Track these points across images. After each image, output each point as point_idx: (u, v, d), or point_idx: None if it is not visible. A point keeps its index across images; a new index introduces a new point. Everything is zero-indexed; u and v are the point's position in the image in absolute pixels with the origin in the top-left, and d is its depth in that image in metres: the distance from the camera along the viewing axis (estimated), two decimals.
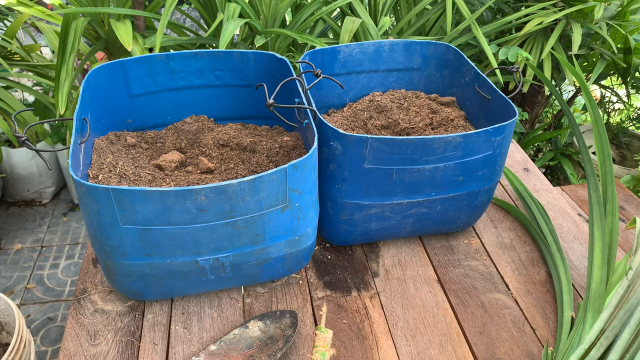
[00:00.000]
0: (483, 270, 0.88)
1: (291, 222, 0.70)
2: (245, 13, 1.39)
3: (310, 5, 1.51)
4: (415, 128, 0.93)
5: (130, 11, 1.37)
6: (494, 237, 0.96)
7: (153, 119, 0.92)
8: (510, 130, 0.78)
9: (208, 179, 0.77)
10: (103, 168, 0.74)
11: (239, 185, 0.60)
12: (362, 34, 1.53)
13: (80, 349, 0.72)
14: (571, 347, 0.67)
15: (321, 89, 0.99)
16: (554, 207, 1.05)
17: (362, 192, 0.78)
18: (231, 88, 0.93)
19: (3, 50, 1.57)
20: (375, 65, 1.02)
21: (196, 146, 0.85)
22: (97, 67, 0.80)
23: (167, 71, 0.88)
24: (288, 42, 1.51)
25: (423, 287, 0.84)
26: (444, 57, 1.02)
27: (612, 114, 2.47)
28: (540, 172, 1.15)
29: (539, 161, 2.08)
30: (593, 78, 1.72)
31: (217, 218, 0.63)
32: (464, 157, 0.76)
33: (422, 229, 0.90)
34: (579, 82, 0.88)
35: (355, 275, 0.86)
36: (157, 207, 0.60)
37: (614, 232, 0.78)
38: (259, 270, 0.76)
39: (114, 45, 1.51)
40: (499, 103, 0.85)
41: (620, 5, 1.74)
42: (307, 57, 0.92)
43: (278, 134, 0.89)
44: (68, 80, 1.24)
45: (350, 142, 0.72)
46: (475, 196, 0.85)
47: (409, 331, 0.77)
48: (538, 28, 1.66)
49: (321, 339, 0.72)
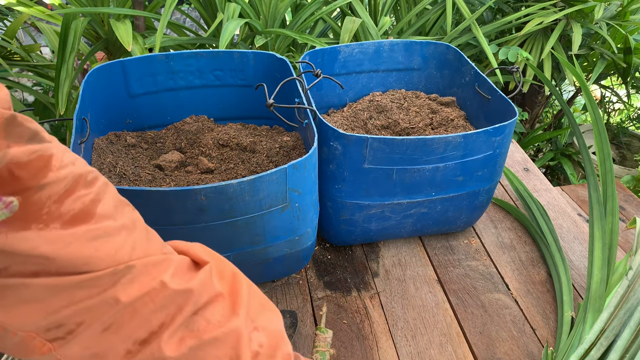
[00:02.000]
0: (483, 270, 0.88)
1: (291, 222, 0.70)
2: (245, 13, 1.39)
3: (310, 5, 1.51)
4: (415, 128, 0.93)
5: (130, 11, 1.37)
6: (494, 237, 0.96)
7: (153, 119, 0.92)
8: (510, 130, 0.78)
9: (208, 179, 0.77)
10: (103, 168, 0.74)
11: (239, 185, 0.60)
12: (362, 34, 1.53)
13: None
14: (571, 347, 0.67)
15: (321, 89, 0.99)
16: (554, 207, 1.05)
17: (362, 192, 0.78)
18: (231, 88, 0.93)
19: (3, 50, 1.57)
20: (375, 65, 1.02)
21: (196, 146, 0.85)
22: (97, 67, 0.80)
23: (167, 71, 0.88)
24: (288, 42, 1.51)
25: (423, 287, 0.84)
26: (444, 57, 1.02)
27: (612, 114, 2.47)
28: (540, 172, 1.15)
29: (539, 161, 2.08)
30: (593, 78, 1.72)
31: (217, 218, 0.63)
32: (464, 157, 0.76)
33: (422, 229, 0.90)
34: (579, 82, 0.87)
35: (355, 275, 0.86)
36: (157, 207, 0.60)
37: (614, 232, 0.78)
38: (259, 270, 0.76)
39: (114, 45, 1.51)
40: (499, 103, 0.85)
41: (620, 5, 1.74)
42: (307, 57, 0.92)
43: (278, 134, 0.89)
44: (68, 80, 1.24)
45: (350, 142, 0.72)
46: (475, 196, 0.85)
47: (409, 331, 0.77)
48: (538, 28, 1.66)
49: (321, 339, 0.72)
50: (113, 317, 0.34)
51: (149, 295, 0.35)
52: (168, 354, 0.35)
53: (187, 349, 0.36)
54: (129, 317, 0.35)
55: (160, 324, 0.36)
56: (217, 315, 0.38)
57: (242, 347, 0.38)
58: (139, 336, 0.35)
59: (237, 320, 0.38)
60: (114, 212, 0.35)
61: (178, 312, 0.36)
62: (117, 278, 0.34)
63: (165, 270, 0.36)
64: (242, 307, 0.40)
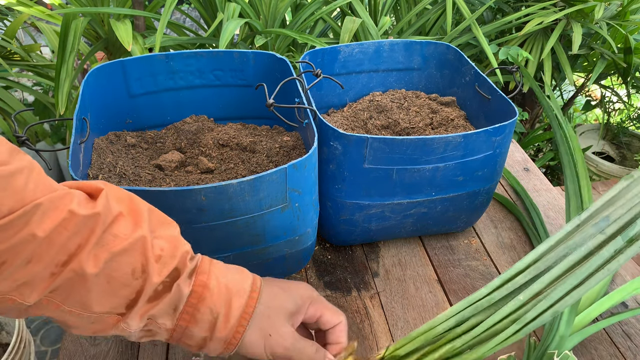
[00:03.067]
0: (483, 270, 0.88)
1: (291, 222, 0.70)
2: (245, 13, 1.39)
3: (310, 5, 1.51)
4: (415, 128, 0.93)
5: (130, 11, 1.37)
6: (494, 237, 0.96)
7: (153, 119, 0.92)
8: (510, 130, 0.78)
9: (208, 179, 0.77)
10: (103, 168, 0.74)
11: (239, 185, 0.60)
12: (362, 34, 1.53)
13: (80, 349, 0.72)
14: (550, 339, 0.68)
15: (321, 89, 0.99)
16: (554, 207, 1.05)
17: (362, 192, 0.78)
18: (231, 88, 0.93)
19: (3, 50, 1.57)
20: (375, 65, 1.02)
21: (196, 146, 0.85)
22: (97, 67, 0.80)
23: (167, 71, 0.88)
24: (288, 42, 1.51)
25: (423, 287, 0.84)
26: (444, 57, 1.02)
27: (612, 114, 2.47)
28: (540, 172, 1.15)
29: (539, 161, 2.08)
30: (593, 78, 1.72)
31: (217, 218, 0.63)
32: (464, 157, 0.76)
33: (422, 229, 0.90)
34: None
35: (355, 275, 0.86)
36: (157, 207, 0.60)
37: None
38: (259, 270, 0.76)
39: (114, 45, 1.51)
40: (499, 103, 0.85)
41: (620, 5, 1.74)
42: (307, 57, 0.92)
43: (278, 134, 0.89)
44: (68, 80, 1.24)
45: (350, 142, 0.72)
46: (475, 196, 0.85)
47: (409, 331, 0.77)
48: (538, 28, 1.66)
49: None
50: (33, 251, 0.38)
51: (62, 225, 0.39)
52: (88, 270, 0.41)
53: (103, 263, 0.41)
54: (47, 247, 0.39)
55: (77, 246, 0.40)
56: (122, 229, 0.43)
57: (148, 251, 0.44)
58: (60, 260, 0.40)
59: (140, 231, 0.44)
60: (9, 158, 0.38)
61: (91, 234, 0.41)
62: (28, 217, 0.38)
63: (70, 201, 0.41)
64: (143, 221, 0.45)
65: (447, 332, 0.57)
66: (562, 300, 0.52)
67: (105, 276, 0.42)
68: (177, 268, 0.46)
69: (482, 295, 0.57)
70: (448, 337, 0.57)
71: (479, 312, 0.56)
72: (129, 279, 0.43)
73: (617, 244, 0.52)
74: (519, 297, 0.54)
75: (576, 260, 0.53)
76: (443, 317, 0.58)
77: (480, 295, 0.57)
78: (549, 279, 0.54)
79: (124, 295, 0.43)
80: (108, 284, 0.42)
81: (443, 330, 0.57)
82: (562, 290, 0.52)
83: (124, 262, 0.43)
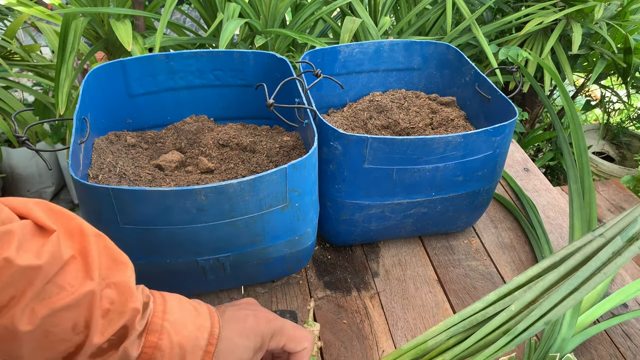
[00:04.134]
0: (483, 270, 0.88)
1: (291, 222, 0.70)
2: (245, 13, 1.39)
3: (310, 5, 1.51)
4: (415, 128, 0.93)
5: (130, 11, 1.37)
6: (494, 237, 0.96)
7: (153, 119, 0.92)
8: (510, 130, 0.78)
9: (208, 179, 0.77)
10: (103, 168, 0.74)
11: (239, 185, 0.60)
12: (362, 34, 1.53)
13: None
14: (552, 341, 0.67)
15: (321, 89, 0.99)
16: (554, 207, 1.05)
17: (362, 192, 0.78)
18: (231, 88, 0.93)
19: (3, 50, 1.57)
20: (375, 65, 1.02)
21: (196, 146, 0.85)
22: (97, 67, 0.80)
23: (167, 71, 0.88)
24: (288, 42, 1.51)
25: (423, 287, 0.84)
26: (444, 57, 1.02)
27: (612, 114, 2.47)
28: (540, 172, 1.15)
29: (539, 161, 2.08)
30: (593, 78, 1.72)
31: (217, 218, 0.63)
32: (464, 157, 0.76)
33: (422, 229, 0.90)
34: (553, 77, 0.88)
35: (355, 275, 0.86)
36: (157, 207, 0.60)
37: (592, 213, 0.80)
38: (259, 270, 0.76)
39: (114, 45, 1.51)
40: (499, 103, 0.85)
41: (620, 5, 1.74)
42: (307, 57, 0.92)
43: (278, 134, 0.89)
44: (68, 80, 1.24)
45: (350, 142, 0.72)
46: (475, 196, 0.85)
47: (409, 331, 0.77)
48: (538, 28, 1.66)
49: None
50: None
51: None
52: (21, 328, 0.36)
53: (40, 319, 0.36)
54: None
55: (10, 298, 0.35)
56: (70, 279, 0.38)
57: (95, 307, 0.39)
58: None
59: (90, 284, 0.39)
60: None
61: (28, 286, 0.36)
62: None
63: (8, 246, 0.35)
64: (94, 269, 0.40)
65: (438, 346, 0.57)
66: (555, 308, 0.51)
67: (41, 331, 0.37)
68: (126, 326, 0.41)
69: (475, 310, 0.56)
70: (439, 349, 0.56)
71: (473, 326, 0.56)
72: (69, 334, 0.38)
73: (615, 245, 0.51)
74: (511, 307, 0.54)
75: (574, 265, 0.53)
76: (435, 331, 0.57)
77: (474, 310, 0.56)
78: (543, 287, 0.53)
79: (61, 350, 0.39)
80: (45, 338, 0.37)
81: (434, 345, 0.57)
82: (556, 297, 0.51)
83: (66, 318, 0.38)
